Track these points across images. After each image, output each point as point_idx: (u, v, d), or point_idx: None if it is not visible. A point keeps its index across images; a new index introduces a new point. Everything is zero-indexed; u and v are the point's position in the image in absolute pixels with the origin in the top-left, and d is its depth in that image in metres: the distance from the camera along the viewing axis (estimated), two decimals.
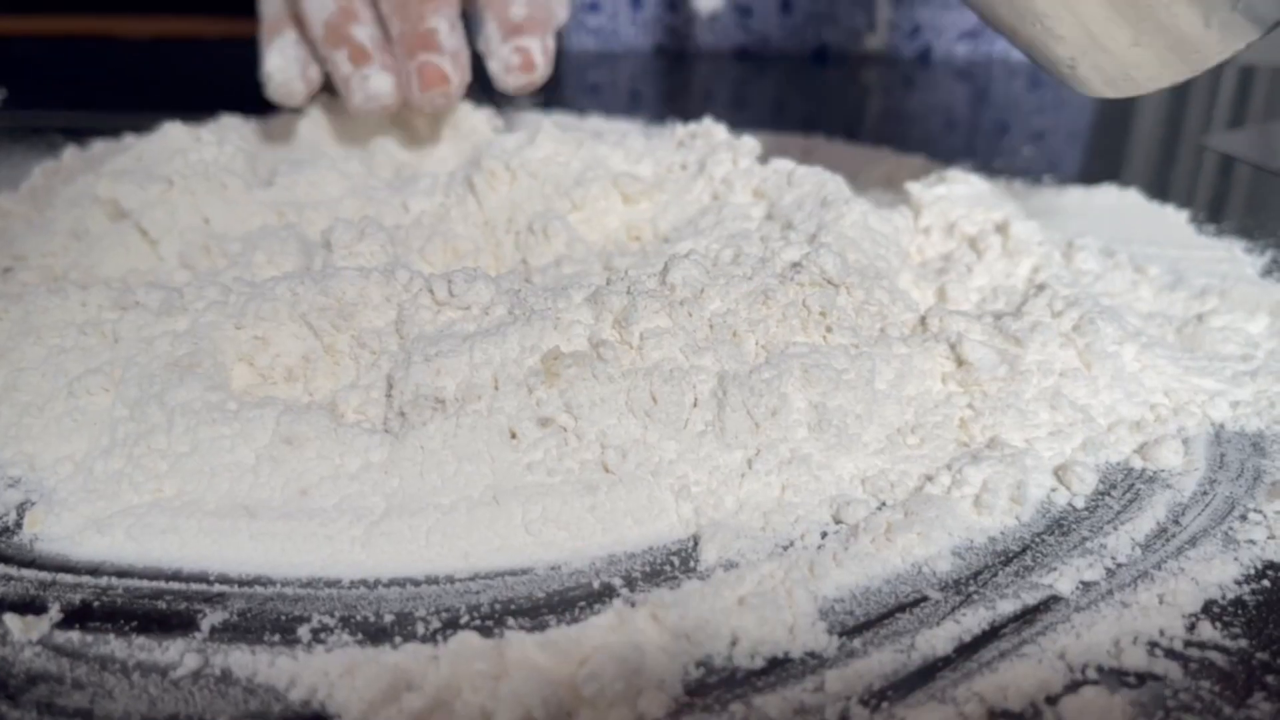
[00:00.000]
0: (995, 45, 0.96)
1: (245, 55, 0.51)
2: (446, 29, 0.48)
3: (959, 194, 0.45)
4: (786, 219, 0.40)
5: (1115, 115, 0.78)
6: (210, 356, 0.31)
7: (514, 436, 0.29)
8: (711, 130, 0.48)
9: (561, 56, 0.95)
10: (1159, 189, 0.55)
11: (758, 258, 0.35)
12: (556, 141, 0.45)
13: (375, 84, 0.47)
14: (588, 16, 0.98)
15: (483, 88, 0.52)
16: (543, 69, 0.50)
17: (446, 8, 0.49)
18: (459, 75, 0.48)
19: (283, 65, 0.49)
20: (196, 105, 0.60)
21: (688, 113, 0.53)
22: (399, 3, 0.48)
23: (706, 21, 0.95)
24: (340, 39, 0.48)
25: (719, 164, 0.44)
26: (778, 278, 0.33)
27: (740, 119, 0.56)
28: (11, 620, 0.24)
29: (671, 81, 0.95)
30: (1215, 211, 0.52)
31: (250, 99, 0.60)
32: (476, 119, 0.55)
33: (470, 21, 0.52)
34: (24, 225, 0.44)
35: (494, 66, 0.50)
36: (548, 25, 0.51)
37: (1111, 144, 0.70)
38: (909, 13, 0.95)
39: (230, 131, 0.51)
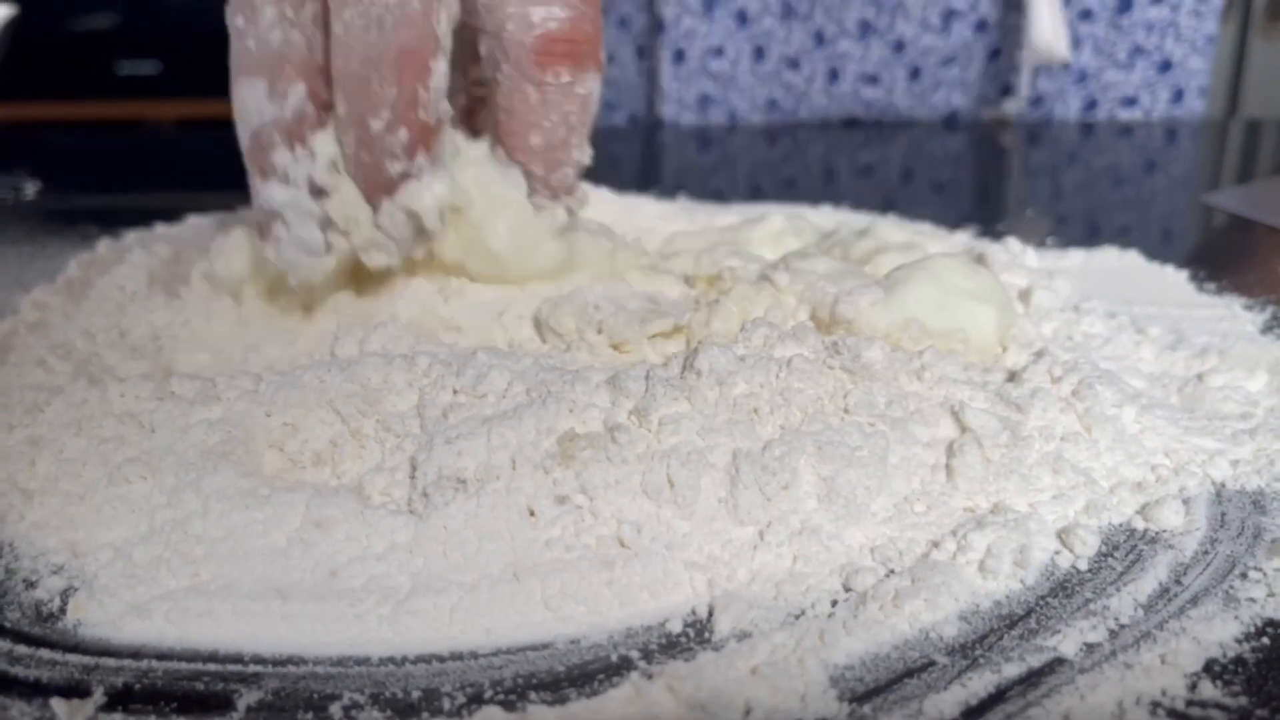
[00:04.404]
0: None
1: None
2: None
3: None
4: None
5: (1125, 175, 0.79)
6: (243, 444, 0.32)
7: (532, 514, 0.30)
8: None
9: (658, 131, 0.98)
10: (1159, 249, 0.56)
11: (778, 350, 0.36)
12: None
13: None
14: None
15: None
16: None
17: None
18: None
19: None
20: (222, 185, 0.62)
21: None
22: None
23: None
24: None
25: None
26: (801, 364, 0.34)
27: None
28: (57, 704, 0.25)
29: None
30: (1215, 269, 0.53)
31: None
32: None
33: None
34: (61, 318, 0.46)
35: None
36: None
37: (1113, 204, 0.71)
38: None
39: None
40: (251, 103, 0.36)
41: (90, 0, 2.13)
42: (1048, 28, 0.87)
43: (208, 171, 0.88)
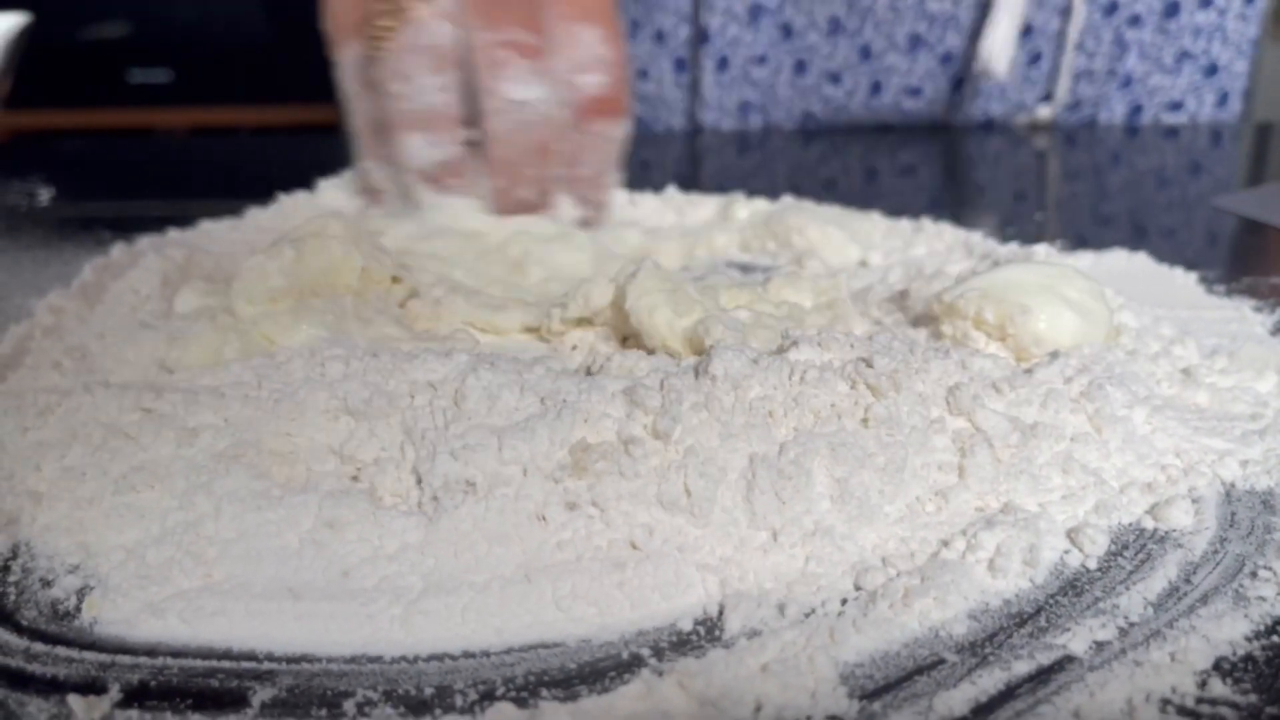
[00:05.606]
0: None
1: (276, 143, 0.53)
2: None
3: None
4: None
5: (1126, 180, 0.79)
6: (253, 447, 0.33)
7: (543, 520, 0.30)
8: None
9: (699, 136, 1.00)
10: (1167, 251, 0.56)
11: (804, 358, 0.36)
12: None
13: None
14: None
15: None
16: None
17: None
18: None
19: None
20: (233, 191, 0.63)
21: None
22: None
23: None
24: None
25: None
26: (818, 371, 0.34)
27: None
28: (75, 701, 0.25)
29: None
30: (1224, 271, 0.53)
31: (279, 184, 0.62)
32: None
33: None
34: (76, 321, 0.46)
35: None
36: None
37: (1120, 208, 0.71)
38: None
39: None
40: (414, 150, 0.50)
41: (102, 9, 2.14)
42: (998, 44, 0.88)
43: (219, 178, 0.88)
